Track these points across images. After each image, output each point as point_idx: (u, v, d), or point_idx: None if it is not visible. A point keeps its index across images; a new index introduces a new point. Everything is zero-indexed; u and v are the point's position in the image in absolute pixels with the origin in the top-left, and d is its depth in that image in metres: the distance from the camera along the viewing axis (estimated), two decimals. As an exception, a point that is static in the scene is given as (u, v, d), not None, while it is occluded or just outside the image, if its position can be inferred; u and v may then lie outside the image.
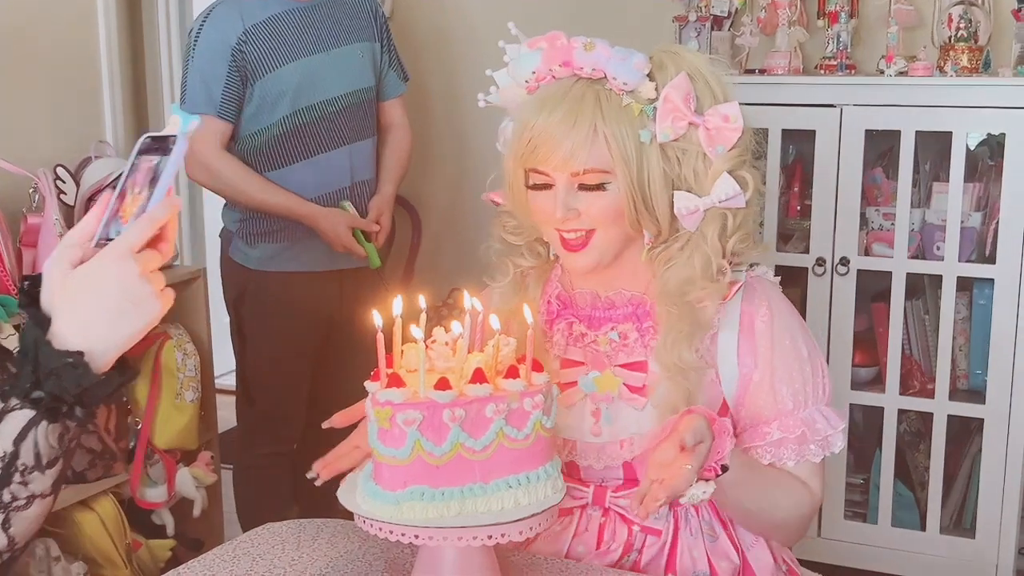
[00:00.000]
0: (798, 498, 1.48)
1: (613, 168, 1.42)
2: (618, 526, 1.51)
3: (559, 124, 1.41)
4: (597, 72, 1.43)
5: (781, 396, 1.47)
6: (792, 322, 1.51)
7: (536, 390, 1.29)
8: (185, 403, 2.78)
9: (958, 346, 2.89)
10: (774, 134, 2.87)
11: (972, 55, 2.74)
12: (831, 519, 2.94)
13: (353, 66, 2.72)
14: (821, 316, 2.87)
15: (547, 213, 1.46)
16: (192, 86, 2.61)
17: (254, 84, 2.60)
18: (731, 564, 1.51)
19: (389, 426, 1.25)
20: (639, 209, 1.44)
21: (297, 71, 2.63)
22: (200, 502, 2.85)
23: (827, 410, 1.50)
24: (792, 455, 1.46)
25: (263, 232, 2.72)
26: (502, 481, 1.28)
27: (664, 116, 1.42)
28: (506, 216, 1.58)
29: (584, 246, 1.46)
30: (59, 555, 2.53)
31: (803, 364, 1.49)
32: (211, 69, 2.58)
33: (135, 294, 1.01)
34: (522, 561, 1.44)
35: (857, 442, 3.00)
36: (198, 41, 2.60)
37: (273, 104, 2.62)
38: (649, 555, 1.50)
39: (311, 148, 2.68)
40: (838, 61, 2.89)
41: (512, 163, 1.48)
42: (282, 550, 1.48)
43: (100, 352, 1.00)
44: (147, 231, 1.01)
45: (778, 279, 1.57)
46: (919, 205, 2.88)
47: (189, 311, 2.88)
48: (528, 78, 1.47)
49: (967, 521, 2.91)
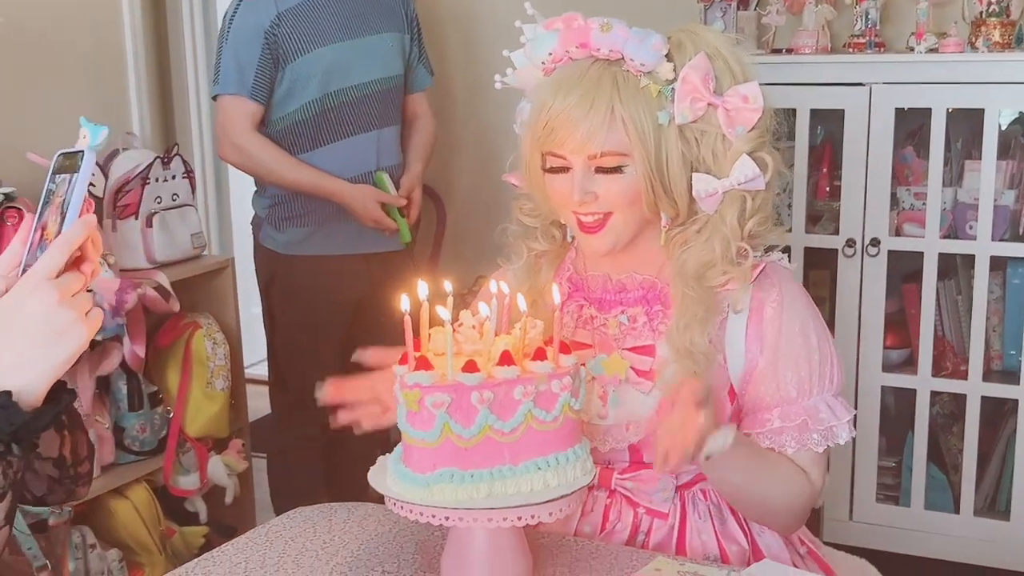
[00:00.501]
0: (796, 485, 1.46)
1: (631, 151, 1.41)
2: (624, 508, 1.51)
3: (576, 107, 1.40)
4: (614, 53, 1.41)
5: (784, 383, 1.45)
6: (803, 309, 1.48)
7: (564, 372, 1.29)
8: (216, 391, 2.80)
9: (991, 326, 2.86)
10: (802, 114, 2.84)
11: (1004, 30, 2.70)
12: (863, 502, 2.92)
13: (382, 54, 2.76)
14: (851, 298, 2.85)
15: (564, 196, 1.45)
16: (225, 68, 2.66)
17: (285, 67, 2.65)
18: (740, 548, 1.50)
19: (418, 409, 1.25)
20: (657, 192, 1.43)
21: (327, 56, 2.67)
22: (232, 489, 2.88)
23: (833, 400, 1.47)
24: (792, 442, 1.45)
25: (291, 216, 2.76)
26: (531, 463, 1.28)
27: (683, 97, 1.40)
28: (524, 198, 1.57)
29: (601, 228, 1.45)
30: (95, 543, 2.56)
31: (811, 352, 1.46)
32: (245, 51, 2.63)
33: (57, 323, 0.97)
34: (552, 543, 1.44)
35: (889, 425, 2.97)
36: (232, 23, 2.65)
37: (303, 87, 2.67)
38: (657, 538, 1.49)
39: (338, 132, 2.73)
40: (867, 39, 2.86)
41: (529, 146, 1.47)
42: (314, 533, 1.49)
43: (29, 388, 0.97)
44: (61, 255, 0.98)
45: (794, 265, 1.55)
46: (951, 184, 2.84)
47: (218, 300, 2.90)
48: (545, 59, 1.46)
49: (1001, 503, 2.88)
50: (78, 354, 1.00)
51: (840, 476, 2.88)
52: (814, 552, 1.58)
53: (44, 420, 1.00)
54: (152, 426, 2.70)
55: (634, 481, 1.50)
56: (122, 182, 2.71)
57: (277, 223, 2.78)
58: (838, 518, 2.89)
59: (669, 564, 1.37)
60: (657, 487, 1.49)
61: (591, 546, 1.44)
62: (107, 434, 2.60)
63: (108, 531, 2.64)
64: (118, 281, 2.47)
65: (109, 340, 2.55)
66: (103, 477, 2.58)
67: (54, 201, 1.01)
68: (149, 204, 2.72)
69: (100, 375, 2.58)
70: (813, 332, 1.47)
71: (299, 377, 2.80)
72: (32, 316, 0.97)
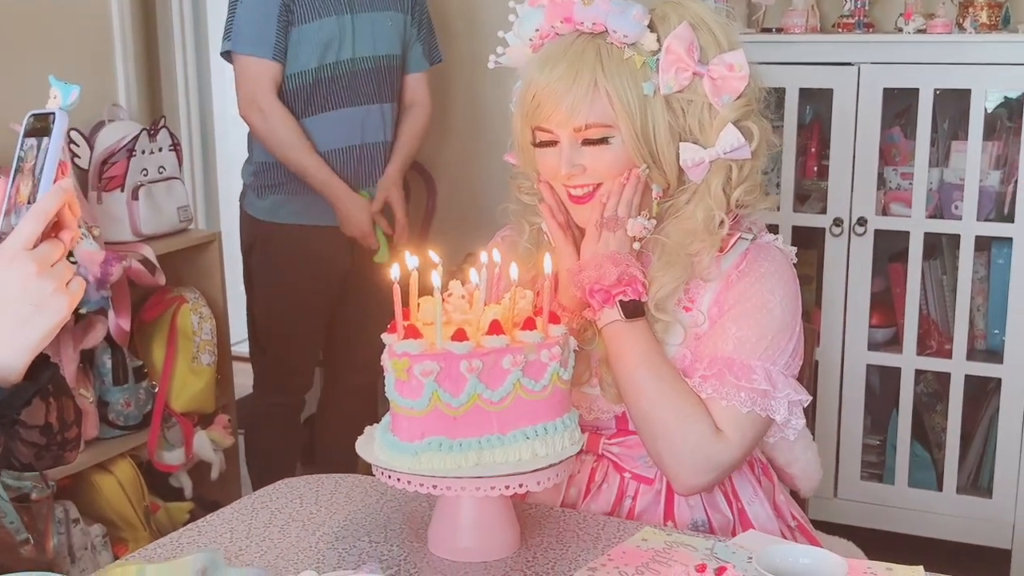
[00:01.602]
0: (700, 424, 1.41)
1: (616, 122, 1.42)
2: (610, 472, 1.53)
3: (560, 80, 1.41)
4: (598, 26, 1.42)
5: (725, 334, 1.44)
6: (776, 283, 1.46)
7: (553, 342, 1.29)
8: (202, 366, 2.80)
9: (976, 306, 2.87)
10: (791, 93, 2.84)
11: (991, 11, 2.70)
12: (848, 479, 2.94)
13: (381, 32, 2.77)
14: (838, 277, 2.86)
15: (553, 170, 1.46)
16: (244, 25, 2.65)
17: (291, 30, 2.66)
18: (725, 517, 1.51)
19: (407, 377, 1.25)
20: (647, 162, 1.43)
21: (329, 26, 2.68)
22: (218, 465, 2.87)
23: (777, 372, 1.43)
24: (709, 388, 1.42)
25: (273, 184, 2.79)
26: (519, 432, 1.28)
27: (667, 67, 1.41)
28: (521, 177, 1.58)
29: (590, 198, 1.46)
30: (78, 517, 2.55)
31: (763, 318, 1.43)
32: (263, 10, 2.63)
33: (36, 295, 0.94)
34: (539, 513, 1.45)
35: (874, 403, 2.99)
36: None
37: (300, 55, 2.68)
38: (643, 503, 1.51)
39: (327, 103, 2.74)
40: (856, 19, 2.86)
41: (520, 122, 1.49)
42: (300, 504, 1.48)
43: (9, 364, 0.95)
44: (37, 225, 0.95)
45: (794, 249, 1.54)
46: (937, 164, 2.85)
47: (204, 275, 2.89)
48: (532, 36, 1.47)
49: (984, 481, 2.91)
50: (60, 326, 0.98)
51: (825, 454, 2.89)
52: (803, 527, 1.59)
53: (24, 396, 0.98)
54: (137, 400, 2.69)
55: (621, 447, 1.52)
56: (108, 154, 2.70)
57: (260, 190, 2.81)
58: (823, 495, 2.91)
59: (656, 534, 1.38)
60: (643, 452, 1.49)
61: (578, 516, 1.45)
62: (91, 408, 2.59)
63: (92, 506, 2.63)
64: (103, 253, 2.46)
65: (94, 313, 2.54)
66: (87, 452, 2.57)
67: (24, 167, 0.98)
68: (135, 176, 2.70)
69: (84, 348, 2.57)
70: (778, 305, 1.45)
71: (277, 345, 2.86)
72: (9, 290, 0.94)
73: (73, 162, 2.67)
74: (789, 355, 1.45)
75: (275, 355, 2.88)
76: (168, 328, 2.76)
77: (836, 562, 1.13)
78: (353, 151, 2.77)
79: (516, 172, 1.59)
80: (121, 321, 2.58)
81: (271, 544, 1.37)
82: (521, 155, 1.52)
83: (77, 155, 2.68)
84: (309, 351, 2.93)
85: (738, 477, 1.53)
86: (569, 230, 1.50)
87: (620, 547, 1.35)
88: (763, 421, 1.43)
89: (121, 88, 2.97)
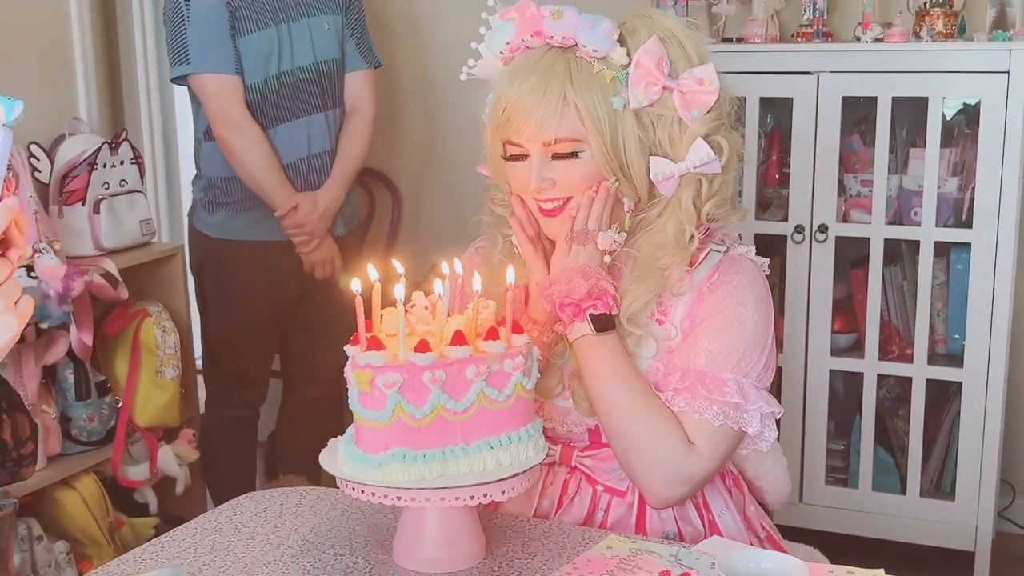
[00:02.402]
0: (672, 437, 1.41)
1: (585, 136, 1.42)
2: (583, 484, 1.53)
3: (530, 94, 1.41)
4: (567, 40, 1.42)
5: (697, 348, 1.44)
6: (748, 295, 1.46)
7: (516, 351, 1.30)
8: (165, 380, 2.78)
9: (936, 311, 2.91)
10: (752, 102, 2.87)
11: (947, 20, 2.74)
12: (812, 484, 2.96)
13: (319, 37, 2.74)
14: (800, 283, 2.88)
15: (524, 183, 1.46)
16: (197, 45, 2.62)
17: (237, 43, 2.64)
18: (696, 529, 1.52)
19: (369, 389, 1.25)
20: (617, 176, 1.44)
21: (269, 36, 2.66)
22: (183, 479, 2.85)
23: (748, 384, 1.43)
24: (681, 402, 1.42)
25: (224, 201, 2.77)
26: (484, 442, 1.28)
27: (636, 81, 1.41)
28: (494, 189, 1.58)
29: (560, 211, 1.47)
30: (41, 535, 2.52)
31: (736, 331, 1.44)
32: (215, 27, 2.61)
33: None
34: (505, 523, 1.45)
35: (837, 408, 3.02)
36: (190, 2, 2.61)
37: (250, 68, 2.66)
38: (615, 516, 1.51)
39: (277, 118, 2.72)
40: (815, 28, 2.89)
41: (491, 134, 1.49)
42: (264, 518, 1.48)
43: None
44: None
45: (766, 260, 1.55)
46: (896, 171, 2.89)
47: (167, 288, 2.87)
48: (503, 48, 1.47)
49: (947, 484, 2.94)
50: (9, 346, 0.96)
51: (790, 459, 2.90)
52: (772, 537, 1.61)
53: None
54: (100, 416, 2.66)
55: (593, 459, 1.52)
56: (69, 168, 2.68)
57: (209, 206, 2.80)
58: (788, 501, 2.90)
59: (621, 542, 1.39)
60: (616, 465, 1.50)
61: (544, 525, 1.45)
62: (54, 424, 2.57)
63: (55, 523, 2.60)
64: (65, 268, 2.44)
65: (55, 328, 2.52)
66: (49, 468, 2.55)
67: None
68: (96, 190, 2.68)
69: (46, 364, 2.54)
70: (751, 317, 1.45)
71: (231, 360, 2.86)
72: None
73: (34, 176, 2.65)
74: (761, 368, 1.46)
75: (229, 369, 2.88)
76: (131, 342, 2.74)
77: (797, 566, 1.15)
78: (302, 164, 2.76)
79: (489, 184, 1.59)
80: (83, 336, 2.56)
81: (235, 559, 1.37)
82: (493, 167, 1.53)
83: (38, 169, 2.66)
84: (263, 364, 2.94)
85: (709, 489, 1.54)
86: (540, 243, 1.50)
87: (585, 555, 1.35)
88: (735, 434, 1.43)
89: (82, 101, 2.94)
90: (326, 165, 2.79)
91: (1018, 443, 3.08)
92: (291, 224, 2.72)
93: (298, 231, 2.73)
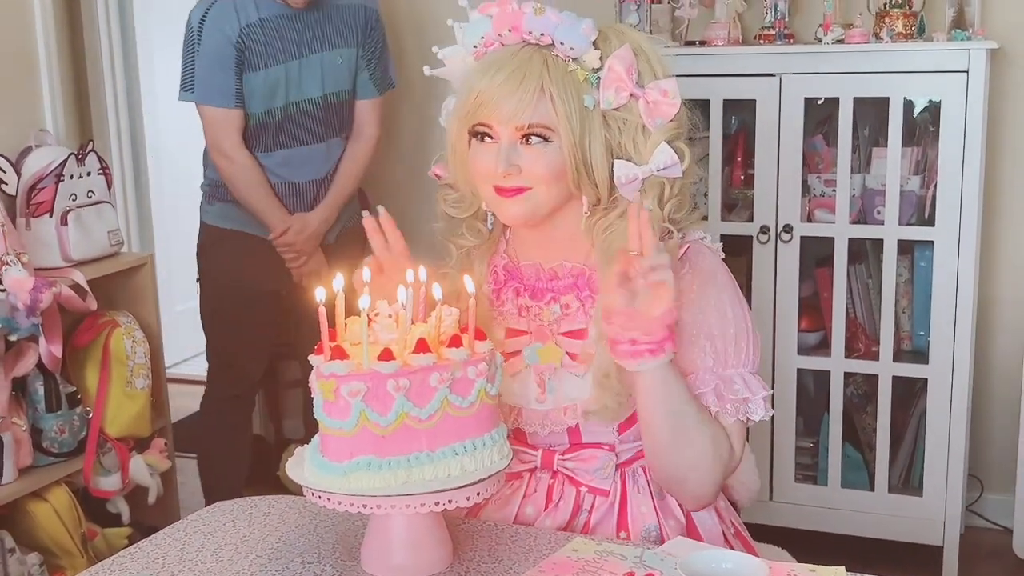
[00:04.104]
0: (723, 441, 1.46)
1: (557, 127, 1.44)
2: (566, 487, 1.55)
3: (506, 82, 1.43)
4: (545, 38, 1.45)
5: (702, 349, 1.48)
6: (722, 284, 1.51)
7: (479, 358, 1.31)
8: (136, 391, 2.78)
9: (901, 308, 2.95)
10: (715, 105, 2.89)
11: (907, 20, 2.78)
12: (782, 482, 2.99)
13: (330, 71, 2.83)
14: (766, 283, 2.91)
15: (488, 168, 1.46)
16: (204, 77, 2.74)
17: (242, 79, 2.75)
18: (678, 523, 1.54)
19: (334, 398, 1.26)
20: (580, 171, 1.46)
21: (276, 74, 2.76)
22: (155, 489, 2.85)
23: (748, 375, 1.49)
24: (712, 406, 1.47)
25: (221, 197, 2.89)
26: (448, 448, 1.29)
27: (608, 84, 1.45)
28: (447, 189, 1.59)
29: (520, 192, 1.46)
30: (13, 547, 2.52)
31: (727, 325, 1.49)
32: (222, 62, 2.72)
33: None
34: (472, 528, 1.46)
35: (806, 406, 3.05)
36: (202, 35, 2.72)
37: (254, 100, 2.76)
38: (599, 515, 1.53)
39: (276, 143, 2.82)
40: (776, 30, 2.92)
41: (456, 125, 1.50)
42: (233, 527, 1.49)
43: None
44: None
45: (719, 245, 1.58)
46: (859, 171, 2.92)
47: (137, 298, 2.88)
48: (477, 43, 1.49)
49: (915, 480, 2.97)
50: None
51: (760, 458, 2.94)
52: (741, 533, 1.63)
53: None
54: (71, 427, 2.66)
55: (575, 461, 1.54)
56: (36, 179, 2.67)
57: (209, 198, 2.94)
58: (758, 498, 2.95)
59: (586, 544, 1.40)
60: (598, 465, 1.53)
61: (511, 530, 1.47)
62: (24, 436, 2.56)
63: (28, 535, 2.60)
64: (32, 280, 2.44)
65: (25, 340, 2.52)
66: (21, 480, 2.54)
67: None
68: (64, 201, 2.68)
69: (16, 376, 2.54)
70: (729, 307, 1.50)
71: (223, 342, 2.98)
72: None
73: (1, 189, 2.64)
74: (752, 353, 1.50)
75: (222, 351, 2.99)
76: (101, 353, 2.74)
77: (757, 565, 1.17)
78: (299, 186, 2.87)
79: (443, 184, 1.60)
80: (52, 347, 2.55)
81: (204, 568, 1.38)
82: (454, 160, 1.53)
83: (4, 181, 2.66)
84: (253, 344, 2.99)
85: None
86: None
87: (551, 559, 1.37)
88: (744, 425, 1.50)
89: (48, 113, 2.94)
90: (324, 188, 2.90)
91: (985, 437, 3.13)
92: (281, 243, 2.84)
93: (287, 249, 2.85)
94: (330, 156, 2.89)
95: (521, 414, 1.53)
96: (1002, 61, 2.94)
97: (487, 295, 1.56)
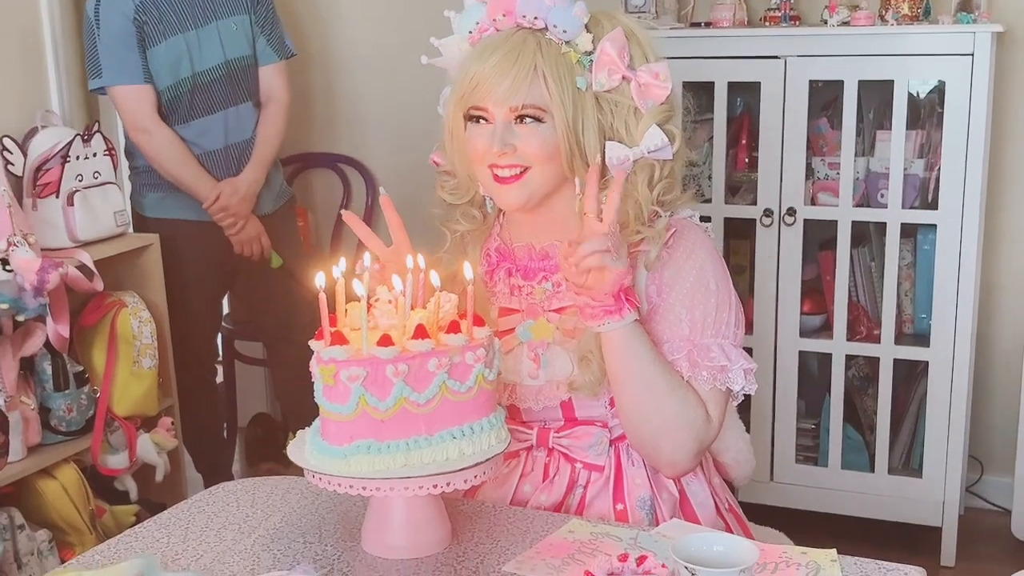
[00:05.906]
0: (696, 407, 1.48)
1: (550, 107, 1.46)
2: (562, 464, 1.57)
3: (501, 63, 1.46)
4: (538, 22, 1.47)
5: (678, 318, 1.50)
6: (704, 257, 1.53)
7: (477, 344, 1.33)
8: (143, 370, 2.80)
9: (903, 291, 2.95)
10: (720, 87, 2.90)
11: (912, 3, 2.77)
12: (783, 463, 3.01)
13: (228, 38, 2.92)
14: (769, 266, 2.92)
15: (484, 149, 1.49)
16: (108, 60, 2.81)
17: (145, 54, 2.82)
18: (671, 495, 1.57)
19: (334, 383, 1.28)
20: (573, 151, 1.48)
21: (178, 45, 2.84)
22: (162, 467, 2.88)
23: (728, 345, 1.50)
24: (684, 372, 1.49)
25: (150, 183, 2.96)
26: (446, 432, 1.32)
27: (600, 66, 1.47)
28: (445, 176, 1.61)
29: (517, 179, 1.49)
30: (23, 523, 2.55)
31: (707, 296, 1.51)
32: (123, 41, 2.79)
33: None
34: (471, 509, 1.49)
35: (807, 388, 3.06)
36: (100, 19, 2.79)
37: (160, 74, 2.83)
38: (594, 491, 1.56)
39: (189, 114, 2.89)
40: (782, 12, 2.92)
41: (453, 109, 1.52)
42: (237, 507, 1.51)
43: None
44: None
45: (707, 225, 1.60)
46: (863, 154, 2.92)
47: (144, 278, 2.90)
48: (472, 29, 1.52)
49: (915, 462, 2.99)
50: None
51: (761, 438, 2.97)
52: (735, 510, 1.65)
53: None
54: (79, 406, 2.68)
55: (569, 439, 1.57)
56: (42, 160, 2.69)
57: (140, 188, 2.99)
58: (759, 479, 2.98)
59: (582, 525, 1.43)
60: (592, 442, 1.55)
61: (508, 511, 1.49)
62: (33, 415, 2.59)
63: (37, 512, 2.63)
64: (40, 261, 2.46)
65: (32, 320, 2.54)
66: (30, 458, 2.57)
67: None
68: (70, 182, 2.70)
69: (24, 356, 2.56)
70: (712, 278, 1.52)
71: (182, 326, 3.02)
72: None
73: (7, 169, 2.66)
74: (733, 326, 1.52)
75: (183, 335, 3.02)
76: (108, 333, 2.76)
77: (748, 547, 1.19)
78: (219, 153, 2.94)
79: (440, 171, 1.63)
80: (60, 327, 2.58)
81: (207, 547, 1.40)
82: (451, 144, 1.56)
83: (11, 162, 2.67)
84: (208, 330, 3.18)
85: None
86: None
87: (548, 540, 1.39)
88: (725, 395, 1.51)
89: (54, 94, 2.96)
90: (246, 153, 2.98)
91: (985, 420, 3.14)
92: (216, 209, 2.91)
93: (223, 215, 2.92)
94: (242, 121, 2.97)
95: (515, 390, 1.56)
96: (1007, 44, 2.94)
97: (480, 276, 1.59)
